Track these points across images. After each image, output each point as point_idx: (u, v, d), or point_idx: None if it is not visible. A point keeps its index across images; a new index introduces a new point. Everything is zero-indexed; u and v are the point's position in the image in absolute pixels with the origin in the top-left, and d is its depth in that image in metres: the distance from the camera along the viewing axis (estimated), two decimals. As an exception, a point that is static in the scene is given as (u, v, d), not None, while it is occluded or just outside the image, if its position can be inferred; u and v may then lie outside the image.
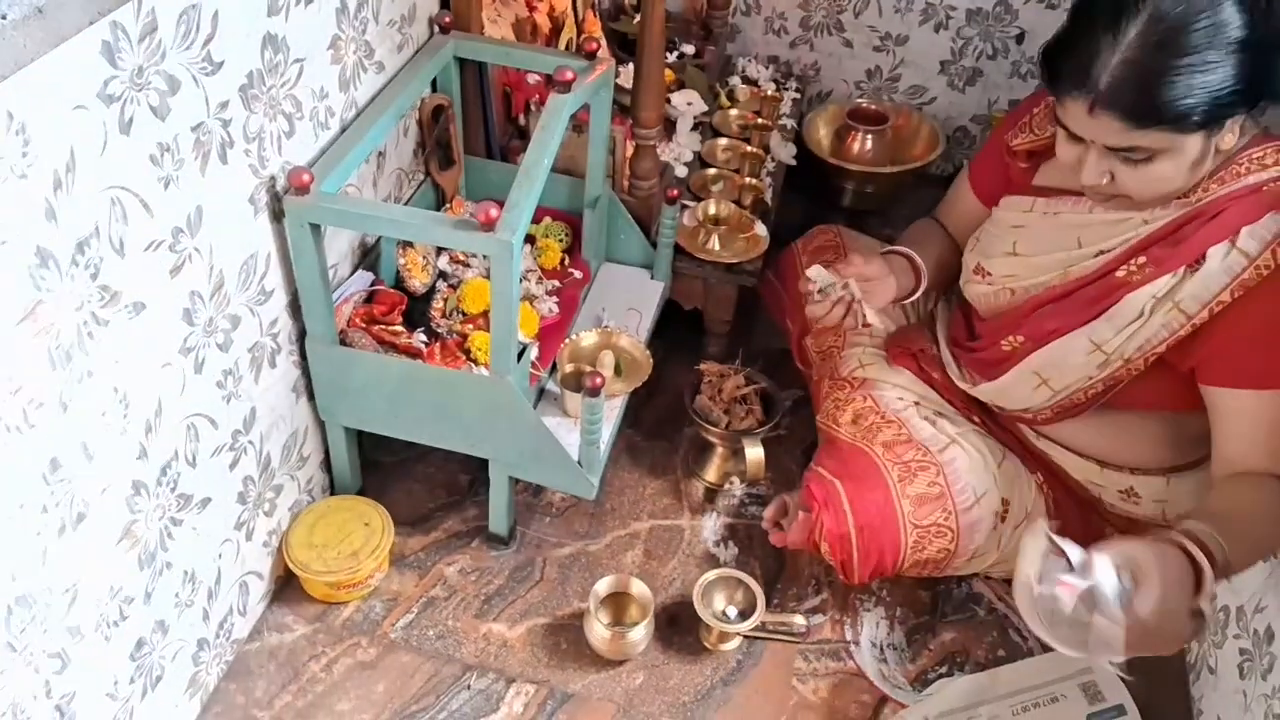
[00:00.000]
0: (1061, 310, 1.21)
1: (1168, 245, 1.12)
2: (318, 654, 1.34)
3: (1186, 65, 1.00)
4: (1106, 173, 1.10)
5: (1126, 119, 1.04)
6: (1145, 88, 1.02)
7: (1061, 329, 1.20)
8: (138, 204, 0.93)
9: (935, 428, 1.33)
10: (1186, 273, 1.10)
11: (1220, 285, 1.08)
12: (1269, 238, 1.06)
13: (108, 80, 0.85)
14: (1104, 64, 1.03)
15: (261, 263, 1.18)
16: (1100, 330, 1.17)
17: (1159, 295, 1.12)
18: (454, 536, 1.51)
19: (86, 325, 0.90)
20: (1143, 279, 1.13)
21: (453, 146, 1.54)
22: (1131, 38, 1.01)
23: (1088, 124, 1.07)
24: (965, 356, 1.36)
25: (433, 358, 1.35)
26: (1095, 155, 1.10)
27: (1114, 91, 1.03)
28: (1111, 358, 1.17)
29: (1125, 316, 1.14)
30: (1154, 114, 1.03)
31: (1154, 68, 1.01)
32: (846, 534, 1.27)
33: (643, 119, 1.54)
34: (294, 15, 1.12)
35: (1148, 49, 1.01)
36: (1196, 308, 1.10)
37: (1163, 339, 1.13)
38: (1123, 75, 1.02)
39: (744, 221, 1.75)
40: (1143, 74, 1.02)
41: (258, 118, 1.09)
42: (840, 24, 2.20)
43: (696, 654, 1.38)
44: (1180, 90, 1.01)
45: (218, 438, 1.17)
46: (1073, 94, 1.06)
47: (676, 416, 1.70)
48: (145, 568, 1.08)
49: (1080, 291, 1.19)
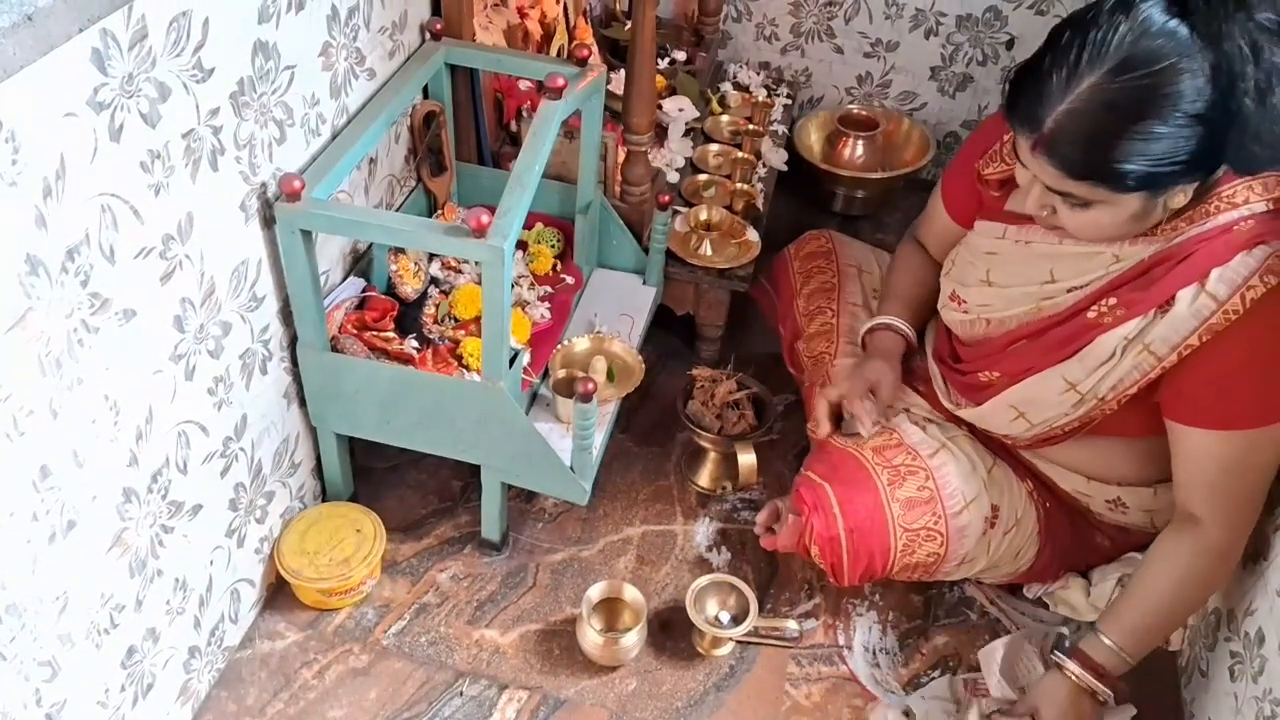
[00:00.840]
0: (1035, 349, 1.20)
1: (1138, 287, 1.11)
2: (309, 661, 1.34)
3: (1130, 131, 0.97)
4: (1048, 206, 1.10)
5: (1061, 167, 1.02)
6: (1084, 142, 1.00)
7: (1036, 367, 1.20)
8: (128, 211, 0.93)
9: (925, 433, 1.33)
10: (1156, 315, 1.09)
11: (1189, 329, 1.07)
12: (1238, 281, 1.04)
13: (98, 87, 0.85)
14: (1051, 108, 1.00)
15: (253, 269, 1.18)
16: (1073, 370, 1.16)
17: (1130, 337, 1.11)
18: (446, 543, 1.50)
19: (77, 333, 0.90)
20: (1113, 321, 1.12)
21: (444, 153, 1.54)
22: (1083, 89, 0.99)
23: (1030, 160, 1.06)
24: (950, 375, 1.36)
25: (424, 364, 1.35)
26: (1039, 188, 1.09)
27: (1054, 138, 1.01)
28: (1086, 397, 1.17)
29: (1097, 357, 1.14)
30: (1088, 169, 1.01)
31: (1097, 125, 0.99)
32: (836, 537, 1.27)
33: (634, 125, 1.54)
34: (285, 22, 1.12)
35: (1095, 104, 0.98)
36: (1166, 350, 1.10)
37: (1134, 380, 1.13)
38: (1065, 124, 1.00)
39: (736, 227, 1.75)
40: (1084, 128, 0.99)
41: (249, 125, 1.09)
42: (831, 30, 2.21)
43: (689, 659, 1.38)
44: (1118, 153, 0.98)
45: (209, 445, 1.17)
46: (1019, 128, 1.05)
47: (669, 422, 1.70)
48: (136, 575, 1.08)
49: (1052, 331, 1.18)
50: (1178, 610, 1.22)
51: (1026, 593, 1.44)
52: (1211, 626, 1.32)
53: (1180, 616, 1.24)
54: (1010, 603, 1.46)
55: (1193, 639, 1.38)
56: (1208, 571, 1.19)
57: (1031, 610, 1.45)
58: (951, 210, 1.39)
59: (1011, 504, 1.31)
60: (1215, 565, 1.18)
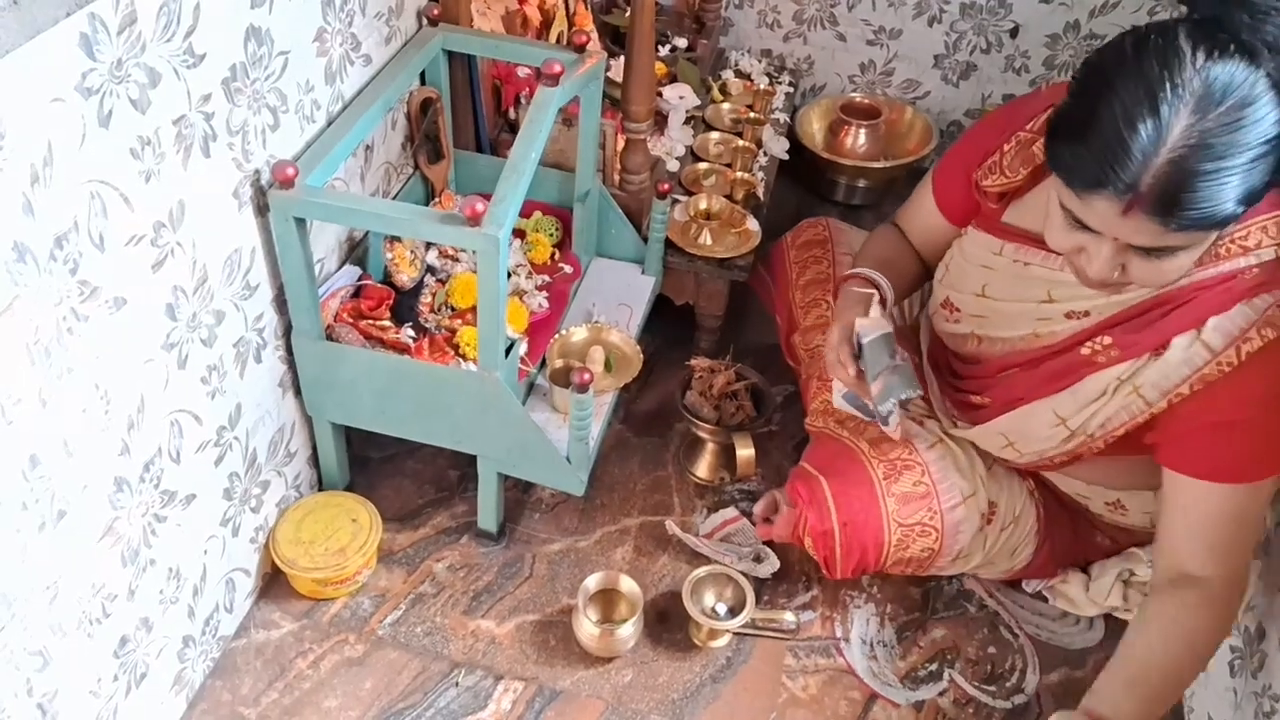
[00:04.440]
0: (1027, 379, 1.18)
1: (1134, 328, 1.08)
2: (305, 651, 1.34)
3: (1232, 166, 0.89)
4: (1119, 266, 1.00)
5: (1165, 221, 0.92)
6: (1190, 192, 0.90)
7: (1026, 398, 1.18)
8: (118, 198, 0.92)
9: (924, 428, 1.32)
10: (1150, 358, 1.06)
11: (1180, 377, 1.05)
12: (1235, 333, 1.01)
13: (86, 73, 0.84)
14: (1147, 163, 0.90)
15: (246, 257, 1.17)
16: (1064, 404, 1.14)
17: (1121, 378, 1.09)
18: (443, 533, 1.50)
19: (66, 321, 0.89)
20: (1107, 361, 1.10)
21: (441, 140, 1.53)
22: (1177, 134, 0.89)
23: (1116, 224, 0.95)
24: (945, 389, 1.33)
25: (421, 353, 1.34)
26: (1111, 250, 0.98)
27: (1159, 194, 0.90)
28: (1076, 433, 1.15)
29: (1088, 395, 1.12)
30: (1195, 218, 0.91)
31: (1201, 170, 0.89)
32: (830, 530, 1.26)
33: (633, 113, 1.53)
34: (278, 7, 1.10)
35: (1195, 149, 0.89)
36: (1156, 396, 1.07)
37: (1122, 421, 1.11)
38: (1169, 176, 0.90)
39: (736, 216, 1.74)
40: (1189, 177, 0.89)
41: (241, 111, 1.08)
42: (834, 18, 2.19)
43: (686, 651, 1.37)
44: (1225, 192, 0.90)
45: (202, 434, 1.16)
46: (1101, 191, 0.93)
47: (668, 412, 1.69)
48: (128, 564, 1.07)
49: (1046, 363, 1.16)
50: (1190, 673, 1.12)
51: (1026, 587, 1.44)
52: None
53: (1191, 679, 1.12)
54: (1009, 596, 1.46)
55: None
56: (1217, 628, 1.10)
57: (1030, 604, 1.44)
58: (944, 207, 1.33)
59: (1010, 501, 1.30)
60: (1222, 619, 1.10)
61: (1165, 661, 1.09)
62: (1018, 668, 1.38)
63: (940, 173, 1.35)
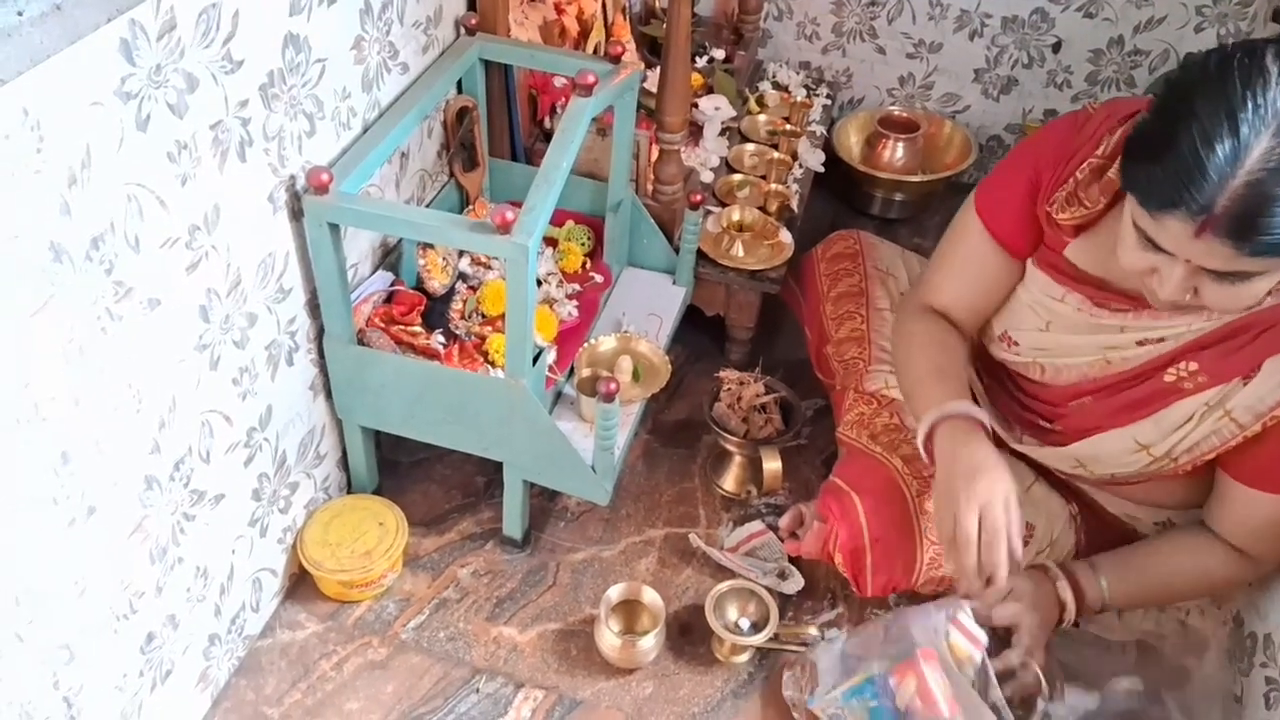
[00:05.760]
0: (1102, 408, 1.14)
1: (1223, 353, 1.05)
2: (328, 652, 1.35)
3: None
4: (1191, 289, 0.97)
5: (1240, 245, 0.89)
6: (1268, 216, 0.87)
7: (1103, 426, 1.14)
8: (154, 201, 0.94)
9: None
10: (1239, 381, 1.05)
11: (1275, 399, 1.03)
12: None
13: (125, 78, 0.86)
14: (1222, 184, 0.87)
15: (280, 261, 1.18)
16: (1146, 432, 1.11)
17: (1210, 404, 1.07)
18: (468, 539, 1.50)
19: (100, 320, 0.91)
20: (1195, 387, 1.07)
21: (477, 148, 1.54)
22: (1257, 156, 0.86)
23: (1189, 245, 0.92)
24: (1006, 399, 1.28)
25: (450, 359, 1.34)
26: (1183, 272, 0.95)
27: (1234, 217, 0.88)
28: (1160, 459, 1.13)
29: (1174, 421, 1.09)
30: (1275, 243, 0.89)
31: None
32: (861, 547, 1.24)
33: (667, 123, 1.53)
34: (316, 15, 1.12)
35: (1276, 171, 0.86)
36: (1250, 419, 1.05)
37: (1213, 445, 1.09)
38: (1246, 198, 0.87)
39: (769, 228, 1.73)
40: (1267, 201, 0.87)
41: (278, 117, 1.10)
42: (873, 30, 2.18)
43: (708, 665, 1.37)
44: None
45: (233, 434, 1.17)
46: (1176, 211, 0.90)
47: (696, 424, 1.68)
48: (156, 562, 1.09)
49: (1125, 391, 1.12)
50: (1177, 596, 1.22)
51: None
52: (1248, 651, 1.28)
53: (1176, 600, 1.23)
54: (1039, 619, 1.43)
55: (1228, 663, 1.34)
56: (1227, 583, 1.20)
57: (1061, 627, 1.41)
58: (1006, 241, 1.22)
59: (1048, 524, 1.27)
60: (1236, 581, 1.19)
61: (1165, 574, 1.18)
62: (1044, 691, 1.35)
63: (987, 210, 1.24)
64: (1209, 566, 1.17)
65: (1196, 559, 1.18)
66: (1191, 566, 1.18)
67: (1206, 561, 1.17)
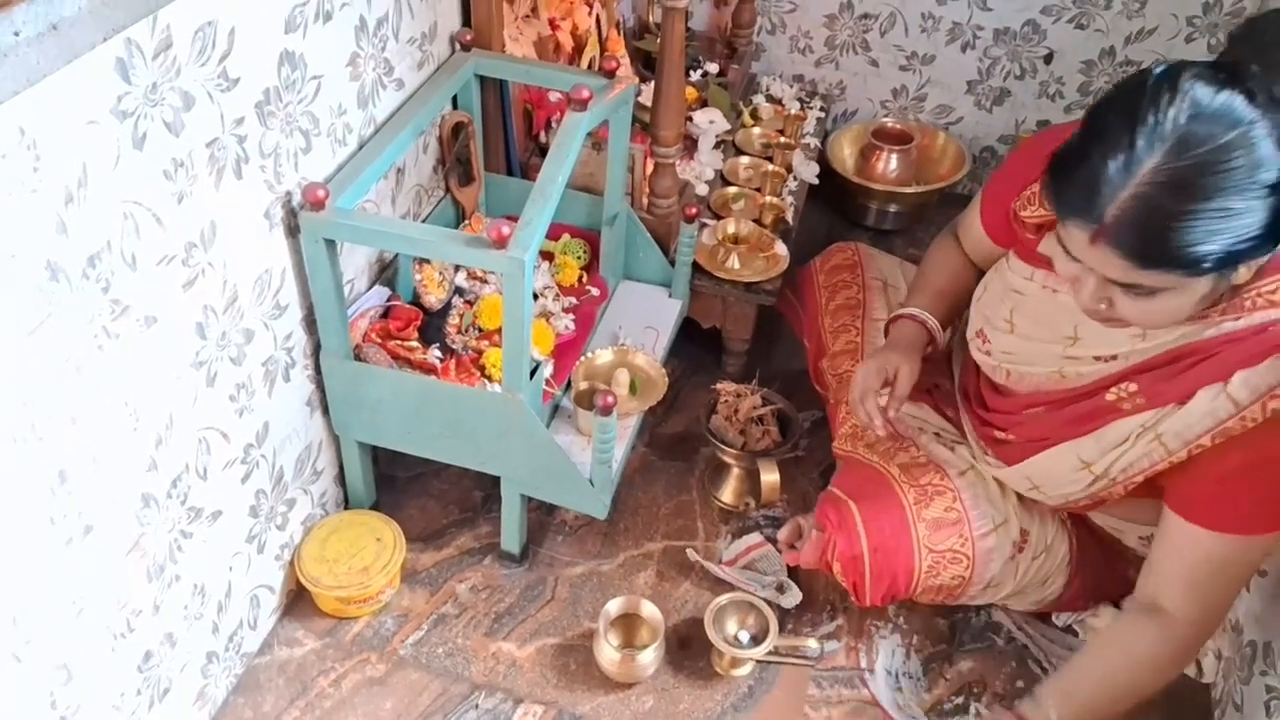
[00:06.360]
0: (1051, 420, 1.17)
1: (1161, 377, 1.06)
2: (327, 669, 1.34)
3: (1207, 211, 0.89)
4: (1105, 299, 1.01)
5: (1130, 257, 0.93)
6: (1155, 230, 0.91)
7: (1050, 440, 1.16)
8: (151, 219, 0.94)
9: (954, 453, 1.30)
10: (1174, 407, 1.05)
11: (1203, 428, 1.03)
12: (1262, 389, 0.98)
13: (121, 96, 0.86)
14: (1111, 195, 0.91)
15: (276, 277, 1.18)
16: (1087, 448, 1.13)
17: (1146, 425, 1.08)
18: (466, 553, 1.50)
19: (97, 338, 0.91)
20: (1133, 408, 1.08)
21: (472, 163, 1.54)
22: (1146, 170, 0.90)
23: (1088, 252, 0.96)
24: (973, 419, 1.32)
25: (447, 374, 1.35)
26: (1094, 282, 0.99)
27: (1120, 228, 0.92)
28: (1100, 477, 1.14)
29: (1112, 440, 1.11)
30: (1162, 258, 0.92)
31: (1169, 209, 0.90)
32: (859, 555, 1.25)
33: (662, 137, 1.53)
34: (312, 33, 1.12)
35: (1164, 187, 0.89)
36: (1178, 445, 1.05)
37: (1142, 468, 1.10)
38: (1132, 212, 0.91)
39: (764, 240, 1.74)
40: (1154, 215, 0.90)
41: (274, 134, 1.10)
42: (866, 43, 2.19)
43: (708, 679, 1.36)
44: (1196, 236, 0.89)
45: (229, 451, 1.17)
46: (1074, 219, 0.95)
47: (693, 436, 1.68)
48: (154, 580, 1.08)
49: (1071, 406, 1.15)
50: (1127, 698, 1.15)
51: (1056, 621, 1.41)
52: (1248, 659, 1.28)
53: (1128, 704, 1.15)
54: (1038, 629, 1.43)
55: (1227, 672, 1.34)
56: (1168, 662, 1.14)
57: (1060, 638, 1.41)
58: (990, 232, 1.32)
59: (1042, 530, 1.27)
60: (1176, 657, 1.14)
61: (1104, 679, 1.14)
62: (1047, 703, 1.35)
63: (986, 199, 1.34)
64: (1137, 651, 1.13)
65: (1125, 647, 1.15)
66: (1123, 659, 1.14)
67: (1133, 646, 1.14)
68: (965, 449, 1.33)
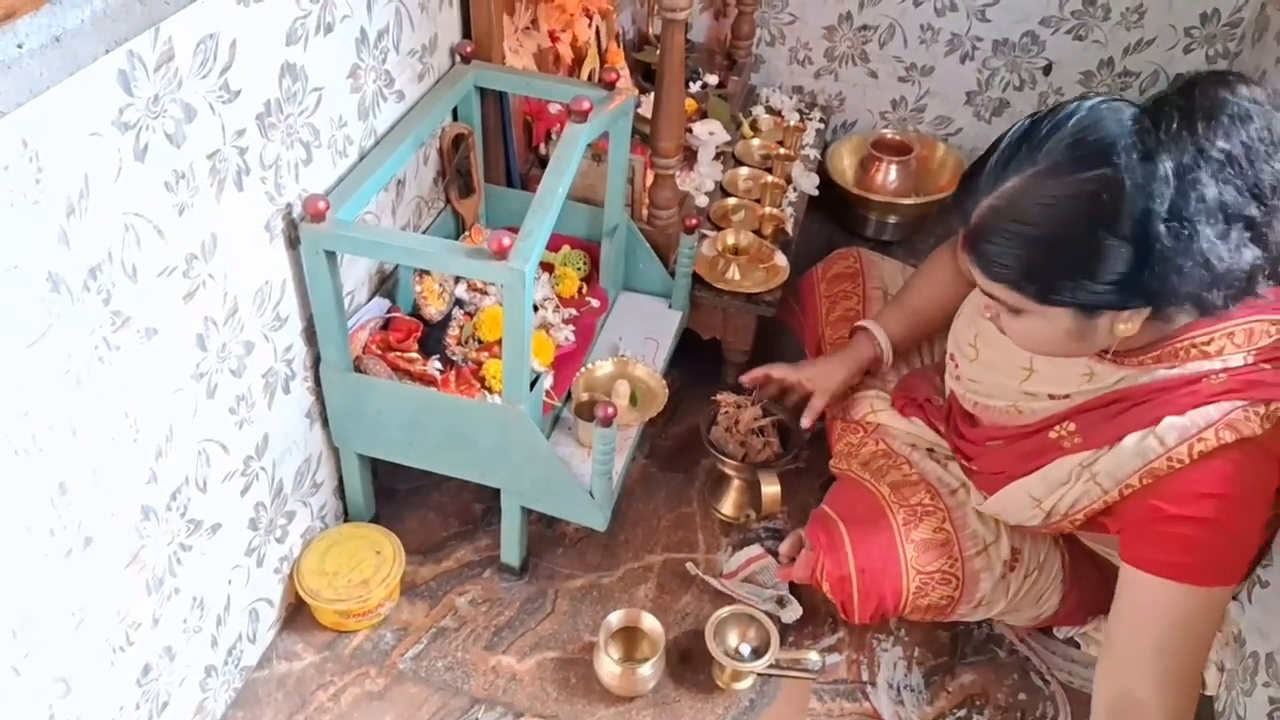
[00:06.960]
0: (1006, 455, 1.18)
1: (1098, 418, 1.07)
2: (326, 683, 1.33)
3: (1044, 237, 0.93)
4: (992, 308, 1.05)
5: (979, 266, 0.99)
6: (996, 243, 0.95)
7: (1006, 474, 1.17)
8: (151, 230, 0.94)
9: (946, 470, 1.30)
10: (1107, 448, 1.06)
11: (1132, 468, 1.03)
12: (1192, 431, 0.99)
13: (123, 108, 0.86)
14: (975, 202, 0.97)
15: (276, 289, 1.18)
16: (1035, 485, 1.14)
17: (1084, 464, 1.08)
18: (466, 566, 1.49)
19: (97, 350, 0.91)
20: (1071, 447, 1.09)
21: (473, 175, 1.54)
22: (1008, 187, 0.94)
23: (961, 255, 1.02)
24: (951, 444, 1.32)
25: (447, 385, 1.34)
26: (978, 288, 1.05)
27: (975, 235, 0.97)
28: (1050, 514, 1.14)
29: (1056, 478, 1.11)
30: (1003, 273, 0.97)
31: (1006, 226, 0.94)
32: (846, 576, 1.24)
33: (661, 149, 1.54)
34: (313, 45, 1.12)
35: (1015, 204, 0.94)
36: (1110, 484, 1.06)
37: (1083, 506, 1.10)
38: (986, 221, 0.96)
39: (764, 251, 1.74)
40: (996, 229, 0.95)
41: (275, 146, 1.10)
42: (865, 54, 2.20)
43: (708, 692, 1.36)
44: (1030, 259, 0.94)
45: (229, 463, 1.17)
46: (959, 219, 1.01)
47: (694, 447, 1.68)
48: (153, 593, 1.08)
49: (1022, 441, 1.15)
50: None
51: (1057, 633, 1.41)
52: (1250, 670, 1.27)
53: None
54: (1040, 642, 1.42)
55: (1229, 684, 1.33)
56: None
57: (1062, 650, 1.41)
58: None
59: (1034, 548, 1.27)
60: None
61: None
62: (1049, 715, 1.35)
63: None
64: None
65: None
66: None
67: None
68: (957, 467, 1.32)
